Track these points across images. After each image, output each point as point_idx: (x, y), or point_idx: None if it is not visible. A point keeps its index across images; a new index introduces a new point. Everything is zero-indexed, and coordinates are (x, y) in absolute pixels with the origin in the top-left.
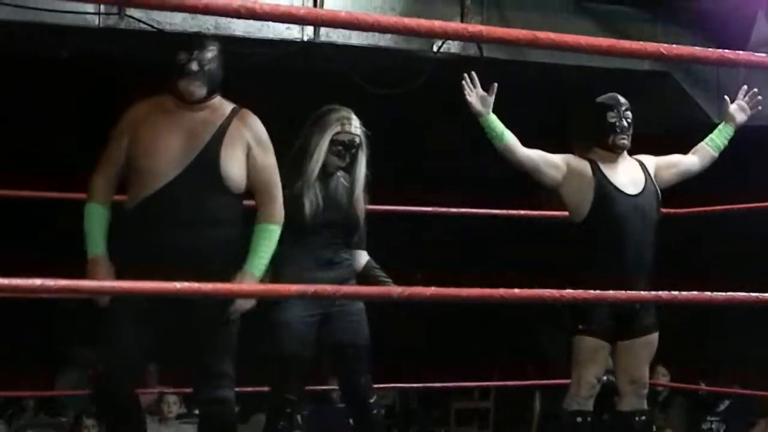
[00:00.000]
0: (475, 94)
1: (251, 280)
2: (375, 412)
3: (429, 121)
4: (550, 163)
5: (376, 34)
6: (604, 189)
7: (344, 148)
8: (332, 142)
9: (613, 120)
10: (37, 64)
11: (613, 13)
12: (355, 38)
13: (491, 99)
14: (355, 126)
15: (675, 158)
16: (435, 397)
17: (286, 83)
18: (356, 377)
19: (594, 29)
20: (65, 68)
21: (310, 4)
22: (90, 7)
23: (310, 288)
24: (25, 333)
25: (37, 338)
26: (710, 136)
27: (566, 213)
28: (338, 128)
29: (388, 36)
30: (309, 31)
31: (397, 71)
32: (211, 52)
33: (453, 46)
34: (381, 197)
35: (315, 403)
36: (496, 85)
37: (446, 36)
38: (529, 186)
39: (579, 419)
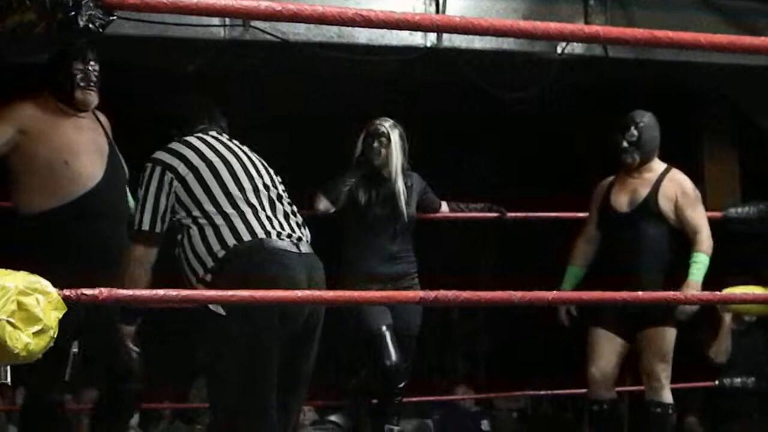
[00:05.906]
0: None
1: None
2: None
3: (553, 122)
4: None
5: (500, 37)
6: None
7: (372, 138)
8: (365, 134)
9: (620, 141)
10: (164, 78)
11: (741, 9)
12: (478, 42)
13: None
14: (383, 121)
15: (691, 216)
16: (568, 401)
17: (411, 89)
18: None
19: (721, 26)
20: (192, 81)
21: (433, 9)
22: (216, 20)
23: (431, 294)
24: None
25: (174, 348)
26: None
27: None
28: (369, 124)
29: (512, 39)
30: (432, 37)
31: (522, 74)
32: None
33: (577, 47)
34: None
35: (444, 408)
36: None
37: (563, 38)
38: None
39: (595, 408)
